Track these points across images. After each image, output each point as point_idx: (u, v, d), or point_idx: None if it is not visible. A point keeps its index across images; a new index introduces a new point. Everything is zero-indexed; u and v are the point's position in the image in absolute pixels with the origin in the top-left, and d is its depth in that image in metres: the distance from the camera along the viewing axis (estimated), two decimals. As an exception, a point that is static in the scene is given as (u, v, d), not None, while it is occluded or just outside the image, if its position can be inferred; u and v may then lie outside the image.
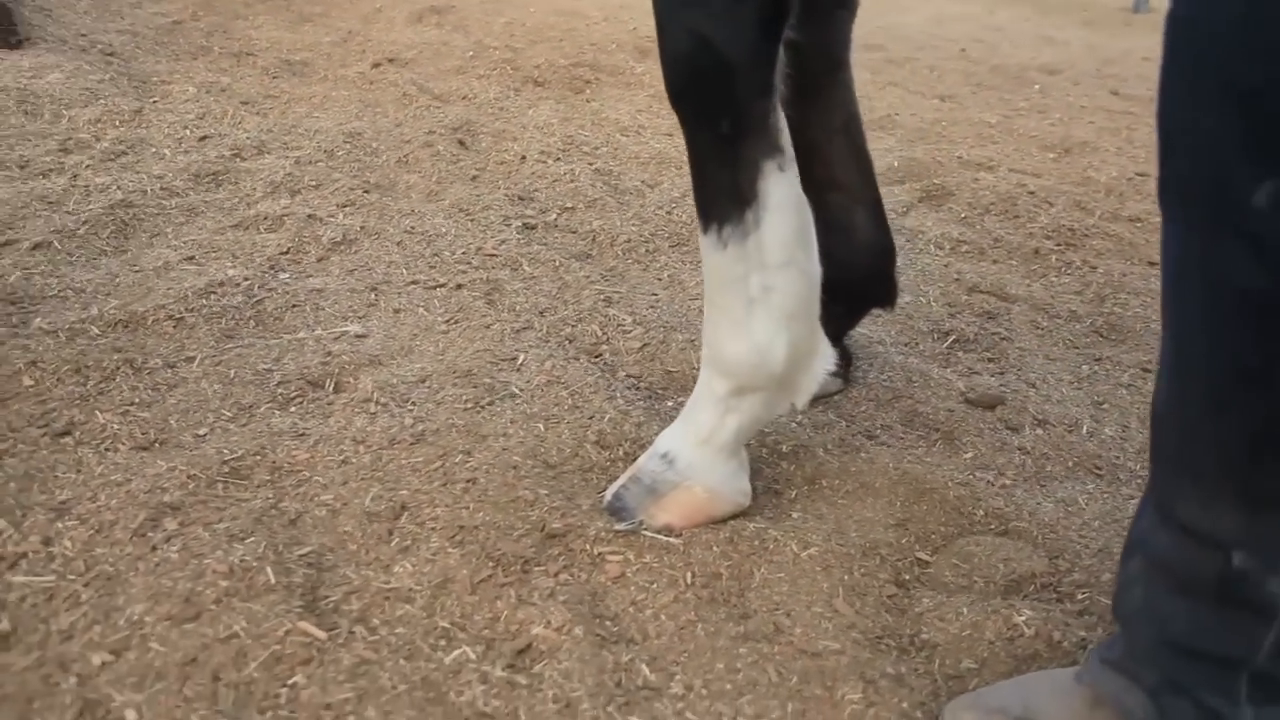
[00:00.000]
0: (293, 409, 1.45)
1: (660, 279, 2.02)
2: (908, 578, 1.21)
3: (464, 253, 2.06)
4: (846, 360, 1.61)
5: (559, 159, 2.74)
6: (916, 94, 4.09)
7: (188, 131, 2.79)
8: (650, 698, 0.97)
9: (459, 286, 1.89)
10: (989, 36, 5.98)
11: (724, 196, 1.09)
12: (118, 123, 2.80)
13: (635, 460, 1.28)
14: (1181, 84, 0.72)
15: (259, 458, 1.30)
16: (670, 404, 1.54)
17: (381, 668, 0.98)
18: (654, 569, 1.15)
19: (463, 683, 0.97)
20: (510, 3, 5.54)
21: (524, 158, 2.73)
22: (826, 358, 1.20)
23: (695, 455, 1.21)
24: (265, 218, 2.17)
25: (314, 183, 2.43)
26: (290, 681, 0.95)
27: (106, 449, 1.31)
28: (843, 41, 1.38)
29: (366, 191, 2.39)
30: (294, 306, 1.77)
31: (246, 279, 1.84)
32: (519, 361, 1.59)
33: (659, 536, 1.19)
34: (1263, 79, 0.65)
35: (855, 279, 1.50)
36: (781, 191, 1.10)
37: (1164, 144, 0.75)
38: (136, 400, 1.43)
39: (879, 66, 4.65)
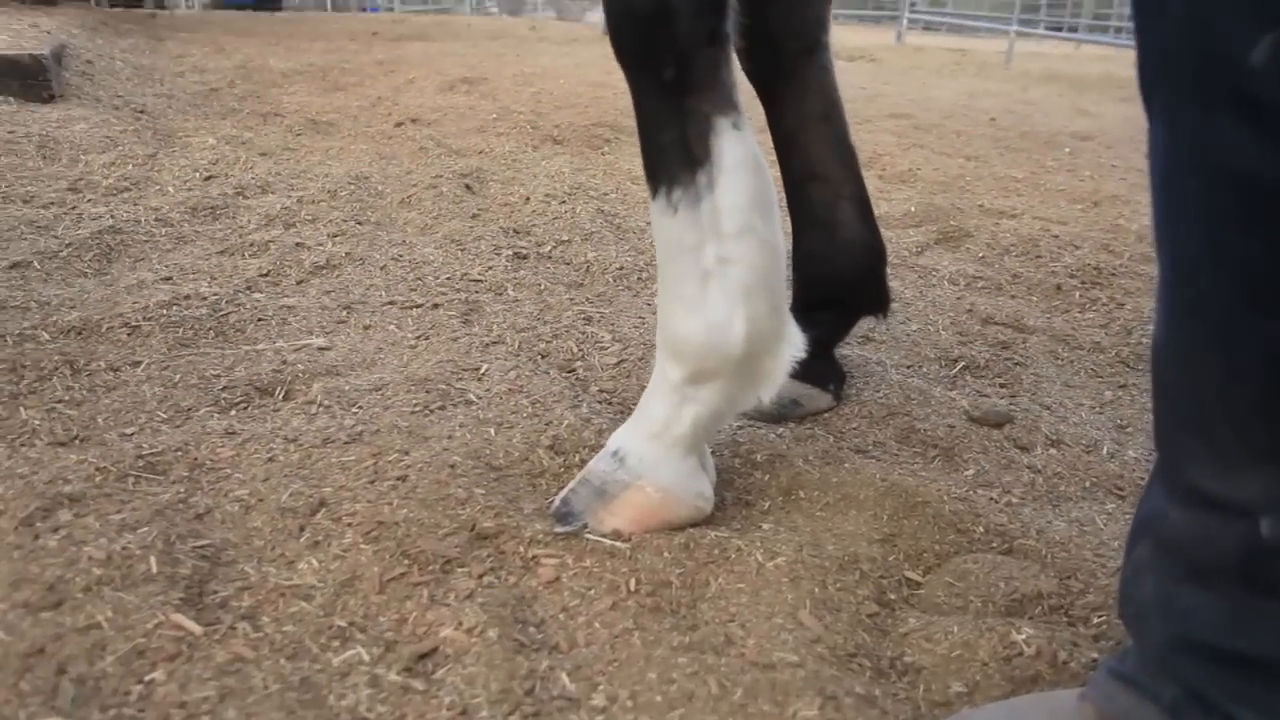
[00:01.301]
0: (233, 413, 1.35)
1: (650, 304, 1.91)
2: (893, 597, 1.04)
3: (448, 278, 1.98)
4: (839, 378, 1.48)
5: (564, 201, 2.68)
6: (942, 154, 4.01)
7: (196, 174, 2.79)
8: (565, 709, 0.82)
9: (435, 306, 1.80)
10: (1020, 109, 5.93)
11: (673, 155, 0.99)
12: (130, 165, 2.82)
13: (590, 465, 1.15)
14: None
15: (180, 453, 1.19)
16: (643, 417, 1.40)
17: (257, 666, 0.84)
18: (593, 574, 1.00)
19: (348, 685, 0.83)
20: (542, 76, 5.65)
21: (528, 199, 2.68)
22: (795, 344, 1.07)
23: (647, 451, 1.08)
24: (252, 244, 2.12)
25: (310, 217, 2.39)
26: (148, 678, 0.82)
27: (21, 444, 1.22)
28: (818, 20, 1.29)
29: (360, 224, 2.34)
30: (260, 320, 1.69)
31: (216, 294, 1.77)
32: (482, 371, 1.48)
33: (604, 540, 1.05)
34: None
35: (840, 280, 1.38)
36: (737, 151, 0.99)
37: (1142, 15, 0.63)
38: (67, 399, 1.34)
39: (905, 131, 4.60)
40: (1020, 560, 1.09)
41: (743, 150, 1.00)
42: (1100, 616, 1.00)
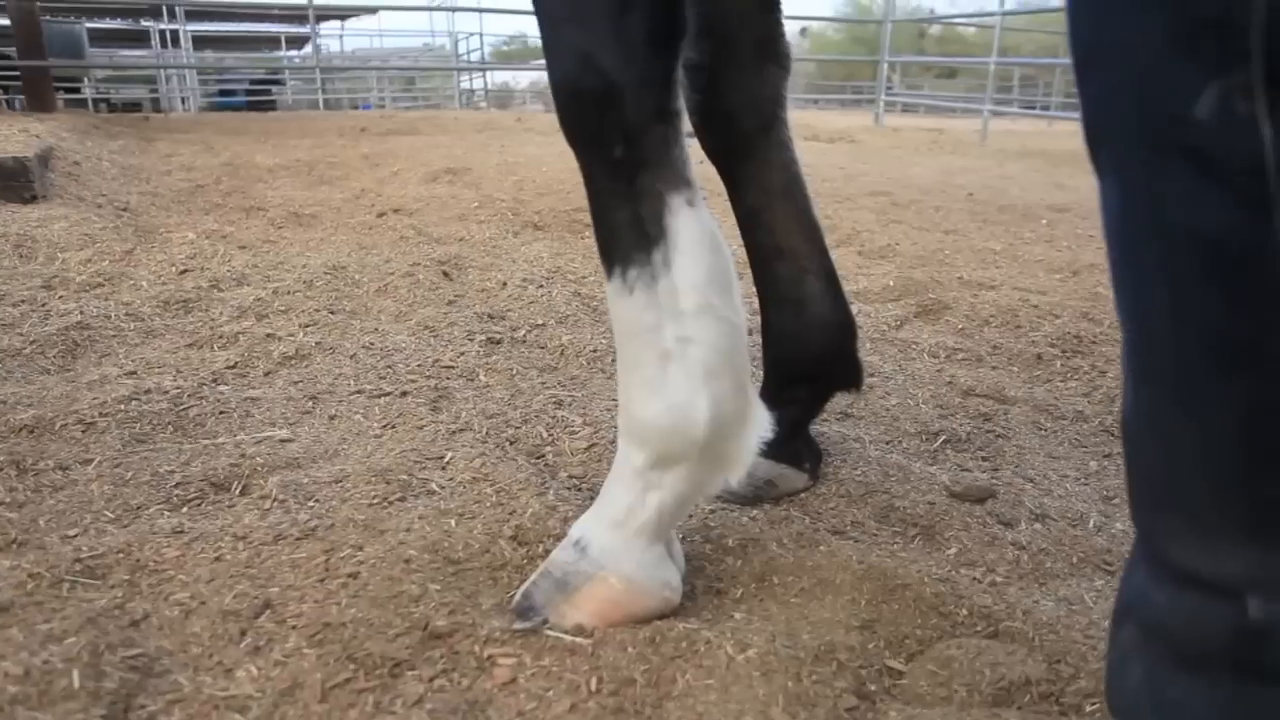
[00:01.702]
0: (185, 510, 1.30)
1: (624, 385, 1.87)
2: (873, 688, 0.98)
3: (419, 365, 1.95)
4: (815, 456, 1.43)
5: (541, 285, 2.68)
6: (920, 229, 4.05)
7: (172, 268, 2.78)
8: (512, 830, 0.75)
9: (404, 394, 1.76)
10: (997, 184, 6.03)
11: (627, 235, 0.97)
12: (106, 261, 2.81)
13: (553, 555, 1.10)
14: (1089, -10, 0.59)
15: (122, 555, 1.14)
16: (612, 503, 1.35)
17: (180, 791, 0.78)
18: (552, 673, 0.94)
19: (277, 810, 0.76)
20: (525, 165, 5.73)
21: (505, 284, 2.67)
22: (761, 423, 1.03)
23: (610, 540, 1.03)
24: (222, 336, 2.10)
25: (283, 308, 2.37)
26: (57, 808, 0.75)
27: (-44, 550, 1.16)
28: (775, 98, 1.29)
29: (334, 313, 2.32)
30: (221, 413, 1.65)
31: (179, 388, 1.73)
32: (446, 459, 1.43)
33: (565, 637, 0.99)
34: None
35: (810, 356, 1.35)
36: (692, 228, 0.97)
37: (1082, 74, 0.61)
38: (9, 501, 1.28)
39: (884, 208, 4.65)
40: (1006, 644, 1.03)
41: (698, 227, 0.98)
42: (1093, 704, 0.94)
